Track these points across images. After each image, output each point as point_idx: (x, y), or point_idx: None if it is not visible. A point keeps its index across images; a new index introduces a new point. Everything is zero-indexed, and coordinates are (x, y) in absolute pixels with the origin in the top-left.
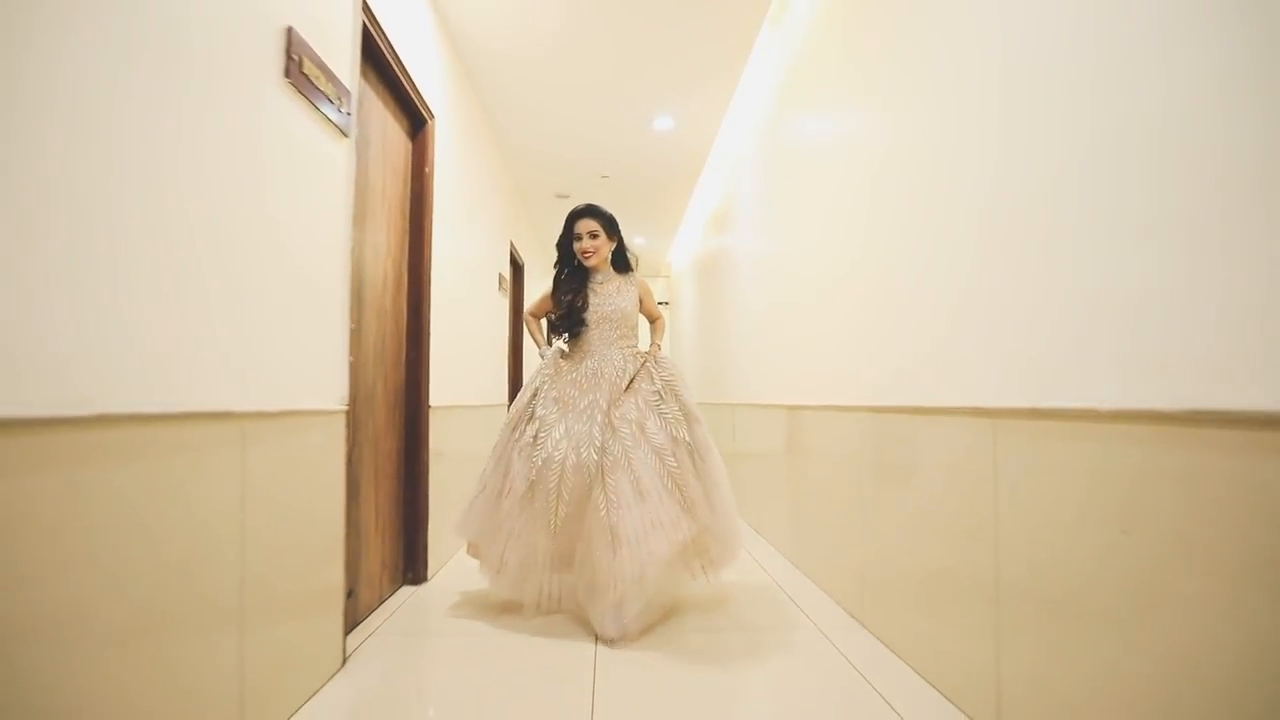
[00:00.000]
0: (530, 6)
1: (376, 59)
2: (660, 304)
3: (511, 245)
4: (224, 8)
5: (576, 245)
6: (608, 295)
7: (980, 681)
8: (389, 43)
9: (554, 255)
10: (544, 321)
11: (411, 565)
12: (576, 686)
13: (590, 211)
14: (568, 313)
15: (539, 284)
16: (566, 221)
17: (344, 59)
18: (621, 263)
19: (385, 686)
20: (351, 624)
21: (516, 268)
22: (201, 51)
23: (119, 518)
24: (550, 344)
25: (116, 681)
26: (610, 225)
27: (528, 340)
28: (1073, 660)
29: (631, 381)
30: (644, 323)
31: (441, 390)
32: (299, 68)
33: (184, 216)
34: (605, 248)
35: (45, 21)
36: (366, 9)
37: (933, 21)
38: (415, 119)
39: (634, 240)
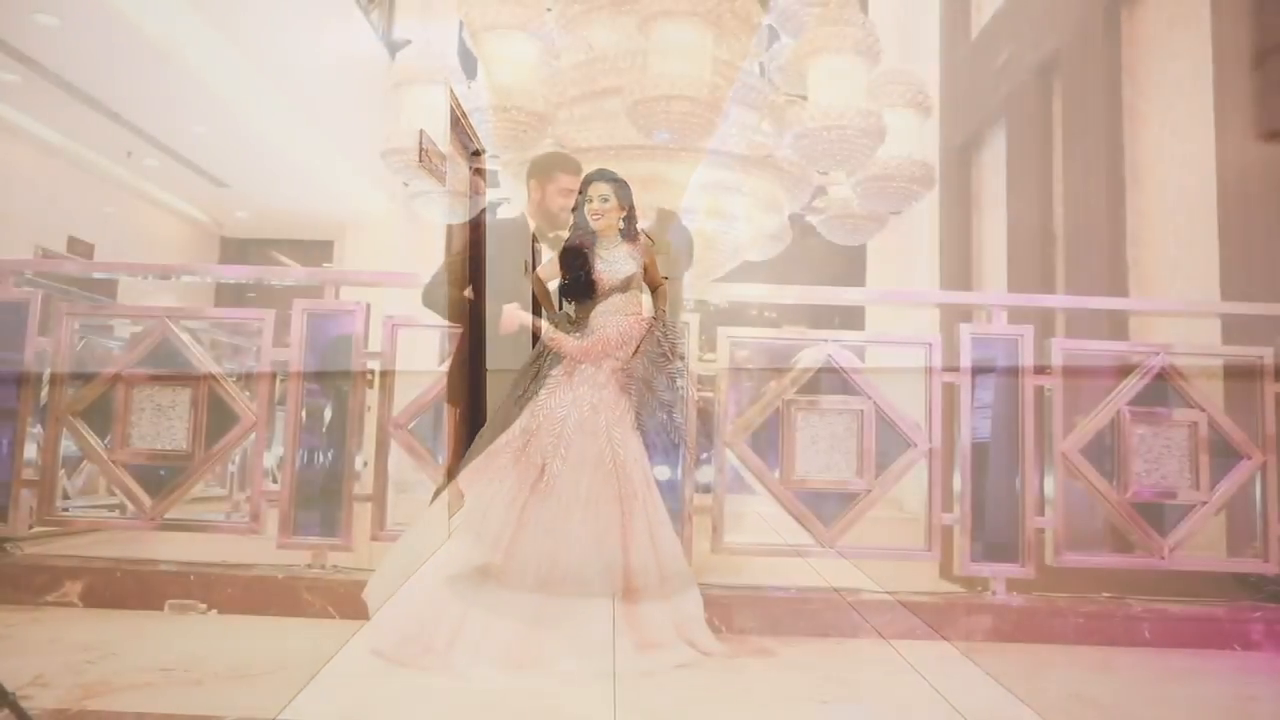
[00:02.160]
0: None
1: (450, 115)
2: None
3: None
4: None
5: (587, 207)
6: (612, 261)
7: None
8: (458, 103)
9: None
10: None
11: None
12: None
13: (602, 175)
14: (573, 277)
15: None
16: (580, 186)
17: (441, 132)
18: (629, 230)
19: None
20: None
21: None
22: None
23: None
24: (560, 308)
25: None
26: (621, 192)
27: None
28: None
29: (639, 346)
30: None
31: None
32: (427, 155)
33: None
34: (614, 213)
35: None
36: (453, 94)
37: None
38: (471, 152)
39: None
